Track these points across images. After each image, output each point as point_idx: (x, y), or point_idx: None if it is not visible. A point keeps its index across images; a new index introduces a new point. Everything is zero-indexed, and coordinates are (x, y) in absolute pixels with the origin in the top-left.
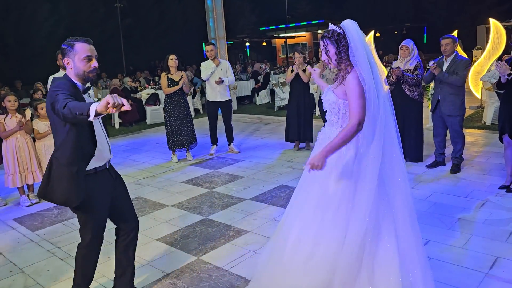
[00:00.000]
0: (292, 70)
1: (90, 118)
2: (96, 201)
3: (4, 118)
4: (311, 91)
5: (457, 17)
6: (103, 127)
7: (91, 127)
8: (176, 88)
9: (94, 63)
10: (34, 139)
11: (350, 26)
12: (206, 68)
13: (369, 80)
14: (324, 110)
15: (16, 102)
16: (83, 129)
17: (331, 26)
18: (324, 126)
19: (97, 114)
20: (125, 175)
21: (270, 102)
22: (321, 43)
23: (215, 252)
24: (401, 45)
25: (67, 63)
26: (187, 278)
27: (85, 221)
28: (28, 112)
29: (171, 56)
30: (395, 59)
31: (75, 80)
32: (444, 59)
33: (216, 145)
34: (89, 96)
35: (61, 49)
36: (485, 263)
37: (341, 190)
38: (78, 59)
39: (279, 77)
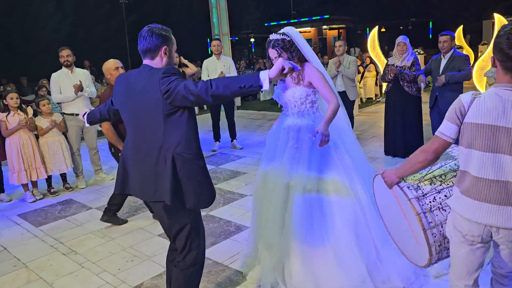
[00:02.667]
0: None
1: (265, 88)
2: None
3: (6, 116)
4: None
5: (463, 11)
6: None
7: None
8: None
9: None
10: (37, 136)
11: (293, 31)
12: (208, 67)
13: (322, 68)
14: (293, 106)
15: (18, 99)
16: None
17: (275, 36)
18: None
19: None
20: None
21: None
22: (274, 51)
23: (215, 247)
24: (398, 41)
25: (165, 52)
26: None
27: (199, 227)
28: (30, 109)
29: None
30: (391, 56)
31: None
32: (442, 55)
33: (219, 141)
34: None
35: (162, 35)
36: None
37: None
38: (174, 50)
39: None
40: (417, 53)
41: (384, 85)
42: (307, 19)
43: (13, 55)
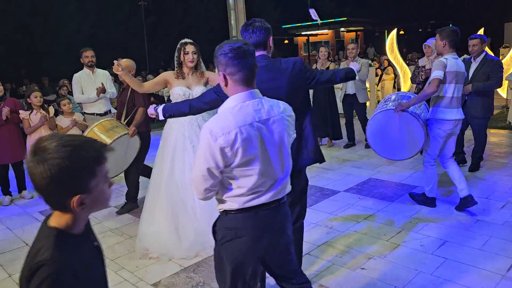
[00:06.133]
0: (316, 68)
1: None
2: None
3: (29, 114)
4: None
5: (484, 13)
6: None
7: None
8: None
9: None
10: None
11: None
12: None
13: None
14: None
15: (41, 98)
16: None
17: None
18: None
19: None
20: None
21: None
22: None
23: None
24: (424, 44)
25: (272, 43)
26: (204, 273)
27: None
28: (52, 109)
29: None
30: (419, 58)
31: None
32: (473, 59)
33: None
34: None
35: (269, 29)
36: (503, 265)
37: None
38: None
39: None
40: None
41: (407, 86)
42: (325, 21)
43: (35, 55)
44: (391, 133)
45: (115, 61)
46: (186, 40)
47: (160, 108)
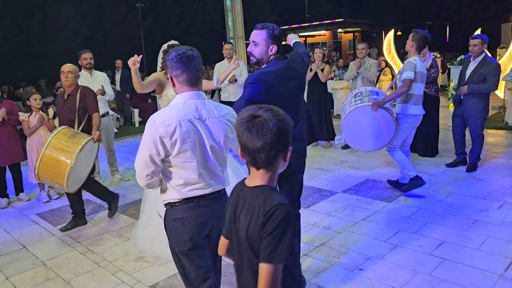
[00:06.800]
0: (311, 70)
1: None
2: None
3: (29, 116)
4: (329, 90)
5: (481, 14)
6: None
7: None
8: None
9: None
10: None
11: None
12: (220, 70)
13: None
14: None
15: (40, 101)
16: None
17: None
18: None
19: None
20: None
21: None
22: None
23: None
24: None
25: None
26: None
27: None
28: (51, 111)
29: None
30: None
31: None
32: (472, 59)
33: None
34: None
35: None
36: (500, 265)
37: None
38: None
39: None
40: (434, 56)
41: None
42: (322, 22)
43: (32, 58)
44: (365, 127)
45: (137, 56)
46: (174, 42)
47: None
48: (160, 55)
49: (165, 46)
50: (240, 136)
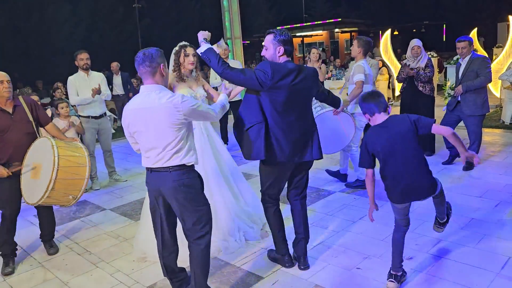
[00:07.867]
0: None
1: None
2: None
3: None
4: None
5: (478, 14)
6: None
7: None
8: None
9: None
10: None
11: None
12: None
13: None
14: None
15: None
16: None
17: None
18: None
19: None
20: (139, 173)
21: None
22: None
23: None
24: (412, 45)
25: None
26: None
27: None
28: (49, 112)
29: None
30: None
31: None
32: (461, 60)
33: (227, 144)
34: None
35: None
36: (497, 263)
37: None
38: None
39: None
40: (430, 56)
41: (398, 86)
42: (319, 22)
43: (29, 58)
44: (328, 131)
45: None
46: (185, 43)
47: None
48: (172, 57)
49: (176, 48)
50: None
